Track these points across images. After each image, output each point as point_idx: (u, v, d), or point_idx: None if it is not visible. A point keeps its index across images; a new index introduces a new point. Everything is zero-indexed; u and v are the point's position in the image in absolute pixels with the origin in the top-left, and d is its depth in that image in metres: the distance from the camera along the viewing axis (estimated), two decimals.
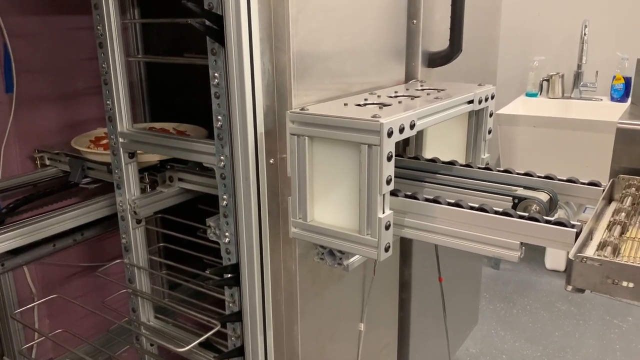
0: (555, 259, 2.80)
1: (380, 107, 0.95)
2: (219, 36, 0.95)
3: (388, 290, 1.41)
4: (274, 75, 0.97)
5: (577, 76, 2.67)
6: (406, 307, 1.49)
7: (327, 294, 1.16)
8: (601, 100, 2.63)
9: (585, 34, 2.58)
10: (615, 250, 0.77)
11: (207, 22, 0.95)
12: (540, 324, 2.36)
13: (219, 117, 1.01)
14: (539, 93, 2.76)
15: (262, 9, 0.93)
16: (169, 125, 1.61)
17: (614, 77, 2.57)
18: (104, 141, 1.49)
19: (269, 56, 0.96)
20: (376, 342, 1.39)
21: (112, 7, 1.14)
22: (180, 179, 1.30)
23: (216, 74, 0.99)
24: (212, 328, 1.16)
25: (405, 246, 1.43)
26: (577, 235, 0.81)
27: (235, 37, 0.93)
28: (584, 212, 2.67)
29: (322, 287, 1.14)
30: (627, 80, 2.54)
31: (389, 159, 0.85)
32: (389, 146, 0.85)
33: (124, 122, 1.22)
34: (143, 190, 1.31)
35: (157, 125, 1.62)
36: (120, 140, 1.23)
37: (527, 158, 2.49)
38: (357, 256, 1.00)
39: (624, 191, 0.99)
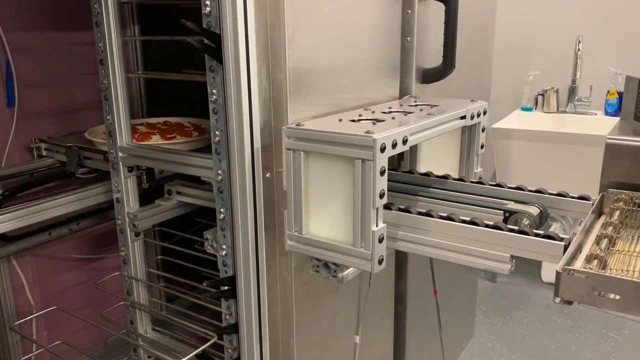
0: (551, 271, 2.81)
1: (374, 123, 0.97)
2: (217, 54, 0.98)
3: (383, 302, 1.42)
4: (271, 92, 0.99)
5: (572, 91, 2.70)
6: (402, 320, 1.51)
7: (322, 306, 1.17)
8: (595, 114, 2.66)
9: (579, 50, 2.61)
10: (603, 263, 0.79)
11: (206, 41, 0.98)
12: (536, 337, 2.37)
13: (217, 132, 1.03)
14: (534, 107, 2.79)
15: (259, 27, 0.96)
16: (184, 120, 1.62)
17: (608, 91, 2.61)
18: None
19: (266, 73, 0.98)
20: (372, 355, 1.40)
21: (112, 25, 1.17)
22: (178, 192, 1.32)
23: (214, 91, 1.01)
24: (209, 340, 1.17)
25: (400, 259, 1.45)
26: (566, 248, 0.83)
27: (232, 55, 0.95)
28: (579, 225, 2.69)
29: (317, 300, 1.15)
30: (621, 95, 2.57)
31: (382, 173, 0.87)
32: (382, 161, 0.87)
33: (123, 137, 1.24)
34: (139, 183, 1.31)
35: (172, 119, 1.63)
36: (120, 154, 1.25)
37: (523, 171, 2.52)
38: (351, 269, 1.02)
39: (613, 205, 1.01)
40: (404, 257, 1.45)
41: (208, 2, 0.96)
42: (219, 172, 1.05)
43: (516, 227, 0.89)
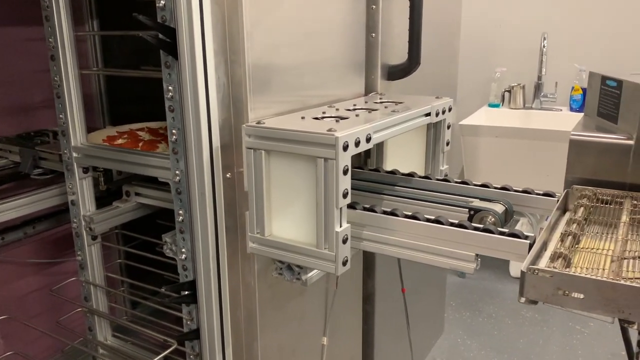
0: (519, 267, 2.84)
1: (337, 121, 0.94)
2: (172, 49, 0.93)
3: (351, 302, 1.40)
4: (230, 89, 0.96)
5: (538, 87, 2.73)
6: (370, 319, 1.49)
7: (288, 308, 1.14)
8: (561, 110, 2.69)
9: (544, 46, 2.64)
10: (567, 262, 0.78)
11: (161, 36, 0.94)
12: (505, 331, 2.38)
13: (174, 131, 0.99)
14: (501, 104, 2.81)
15: (216, 22, 0.92)
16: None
17: (573, 88, 2.64)
18: (119, 140, 1.43)
19: (224, 69, 0.95)
20: (340, 356, 1.38)
21: (64, 20, 1.11)
22: (137, 194, 1.28)
23: (170, 87, 0.97)
24: (170, 347, 1.13)
25: (368, 258, 1.43)
26: (531, 246, 0.82)
27: (188, 50, 0.91)
28: (546, 220, 2.72)
29: (283, 302, 1.12)
30: (585, 91, 2.61)
31: (345, 172, 0.85)
32: (345, 160, 0.84)
33: (77, 136, 1.19)
34: (96, 185, 1.26)
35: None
36: (74, 155, 1.20)
37: (490, 168, 2.53)
38: (315, 271, 0.99)
39: (577, 202, 1.01)
40: (371, 256, 1.43)
41: None
42: (177, 172, 1.01)
43: (481, 226, 0.87)
